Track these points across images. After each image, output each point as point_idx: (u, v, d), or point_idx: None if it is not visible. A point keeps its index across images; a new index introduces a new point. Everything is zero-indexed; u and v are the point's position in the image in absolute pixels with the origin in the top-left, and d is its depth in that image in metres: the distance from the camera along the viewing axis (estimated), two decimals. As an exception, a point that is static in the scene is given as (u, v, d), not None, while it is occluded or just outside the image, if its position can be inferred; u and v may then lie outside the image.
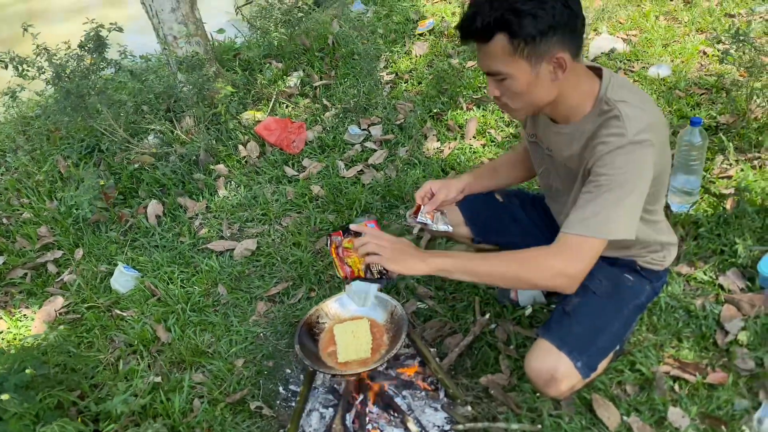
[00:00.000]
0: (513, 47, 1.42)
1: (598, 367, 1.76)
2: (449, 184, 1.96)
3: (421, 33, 4.29)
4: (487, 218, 2.08)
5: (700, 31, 3.71)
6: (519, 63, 1.44)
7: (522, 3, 1.37)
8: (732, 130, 2.84)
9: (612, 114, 1.50)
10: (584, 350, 1.69)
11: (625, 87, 1.56)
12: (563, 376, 1.66)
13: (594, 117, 1.55)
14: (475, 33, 1.43)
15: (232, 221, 3.11)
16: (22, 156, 3.68)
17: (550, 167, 1.81)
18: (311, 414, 2.13)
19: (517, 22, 1.38)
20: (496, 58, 1.45)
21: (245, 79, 4.02)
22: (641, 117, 1.49)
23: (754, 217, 2.38)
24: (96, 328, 2.63)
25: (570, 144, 1.64)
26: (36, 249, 3.15)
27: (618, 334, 1.80)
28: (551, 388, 1.68)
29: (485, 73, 1.55)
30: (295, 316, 2.51)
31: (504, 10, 1.38)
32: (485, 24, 1.40)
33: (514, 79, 1.48)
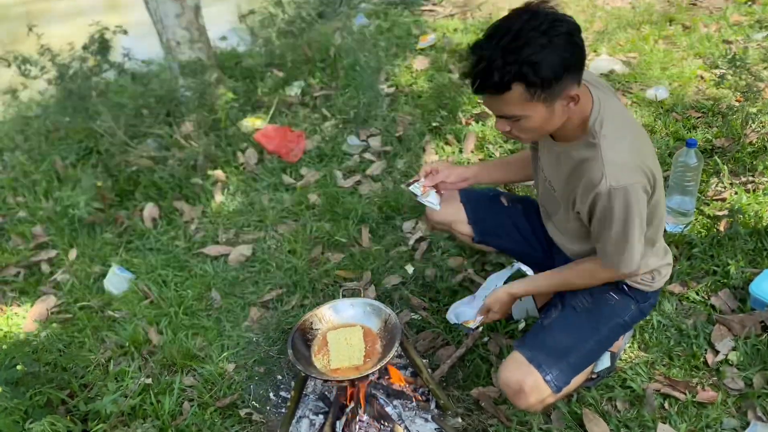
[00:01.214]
0: (530, 94, 1.42)
1: (570, 381, 1.77)
2: (455, 168, 2.00)
3: (422, 48, 4.33)
4: (490, 221, 2.09)
5: (697, 56, 3.76)
6: (535, 105, 1.45)
7: (535, 53, 1.36)
8: (727, 154, 2.88)
9: (592, 155, 1.54)
10: (554, 364, 1.70)
11: (613, 116, 1.57)
12: (531, 389, 1.67)
13: (581, 146, 1.59)
14: (491, 87, 1.42)
15: (228, 227, 3.12)
16: (20, 155, 3.68)
17: (540, 178, 1.86)
18: (301, 420, 2.13)
19: (532, 72, 1.37)
20: (511, 104, 1.45)
21: (246, 86, 4.04)
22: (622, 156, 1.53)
23: (747, 239, 2.41)
24: (88, 328, 2.61)
25: (556, 164, 1.69)
26: (30, 248, 3.14)
27: (593, 351, 1.81)
28: (520, 400, 1.70)
29: (496, 115, 1.55)
30: (288, 323, 2.51)
31: (520, 63, 1.37)
32: (502, 78, 1.39)
33: (529, 120, 1.49)
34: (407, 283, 2.62)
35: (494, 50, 1.38)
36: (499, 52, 1.38)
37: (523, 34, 1.37)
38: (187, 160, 3.42)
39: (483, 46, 1.41)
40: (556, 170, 1.70)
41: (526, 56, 1.36)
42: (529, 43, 1.36)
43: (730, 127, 2.99)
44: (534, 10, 1.41)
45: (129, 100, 3.75)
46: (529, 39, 1.37)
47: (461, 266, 2.63)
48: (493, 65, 1.38)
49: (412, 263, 2.71)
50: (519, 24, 1.39)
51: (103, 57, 3.30)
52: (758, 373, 1.96)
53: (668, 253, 1.87)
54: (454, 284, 2.55)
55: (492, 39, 1.41)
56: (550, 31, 1.37)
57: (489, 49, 1.39)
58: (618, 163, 1.51)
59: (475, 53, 1.43)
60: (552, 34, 1.37)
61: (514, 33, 1.38)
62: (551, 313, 1.82)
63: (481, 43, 1.43)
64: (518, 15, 1.41)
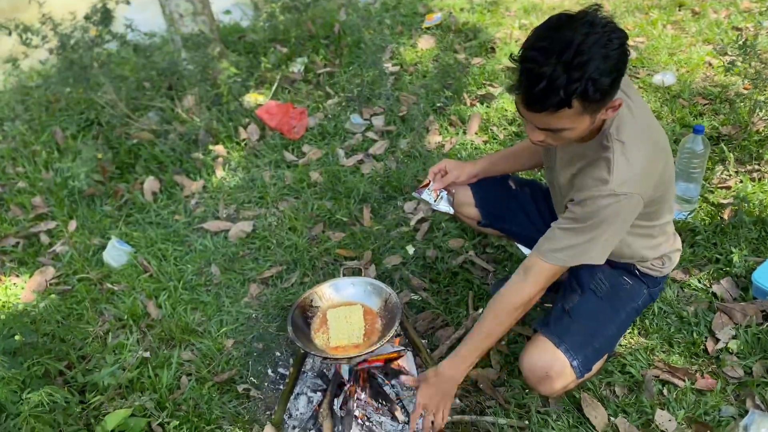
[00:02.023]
0: (584, 108, 1.36)
1: (592, 368, 1.75)
2: (464, 166, 1.97)
3: (428, 27, 4.28)
4: (497, 204, 2.07)
5: (706, 42, 3.72)
6: (584, 118, 1.40)
7: (598, 69, 1.29)
8: (733, 142, 2.85)
9: (605, 156, 1.50)
10: (581, 350, 1.69)
11: (629, 122, 1.54)
12: (558, 375, 1.66)
13: (595, 147, 1.55)
14: (552, 105, 1.34)
15: (228, 202, 3.10)
16: (20, 125, 3.65)
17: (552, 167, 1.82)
18: (299, 397, 2.12)
19: (594, 89, 1.31)
20: (564, 119, 1.38)
21: (249, 61, 4.00)
22: (631, 167, 1.49)
23: (751, 228, 2.39)
24: (86, 300, 2.61)
25: (568, 161, 1.66)
26: (29, 218, 3.12)
27: (614, 336, 1.81)
28: (544, 386, 1.68)
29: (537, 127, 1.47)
30: (287, 300, 2.50)
31: (584, 80, 1.29)
32: (567, 97, 1.31)
33: (573, 131, 1.44)
34: (408, 264, 2.61)
35: (555, 66, 1.29)
36: (562, 69, 1.29)
37: (585, 48, 1.28)
38: (188, 134, 3.40)
39: (540, 61, 1.30)
40: (566, 165, 1.67)
41: (590, 73, 1.29)
42: (593, 58, 1.28)
43: (738, 114, 2.97)
44: (591, 20, 1.32)
45: (131, 72, 3.72)
46: (591, 54, 1.28)
47: (462, 248, 2.62)
48: (557, 83, 1.29)
49: (413, 244, 2.69)
50: (579, 36, 1.28)
51: (105, 27, 3.25)
52: (758, 362, 1.96)
53: (677, 238, 1.86)
54: (455, 266, 2.54)
55: (549, 53, 1.30)
56: (609, 44, 1.30)
57: (549, 66, 1.29)
58: (627, 171, 1.48)
59: (532, 69, 1.32)
60: (610, 47, 1.30)
61: (576, 48, 1.28)
62: (571, 296, 1.80)
63: (537, 57, 1.31)
64: (574, 25, 1.31)
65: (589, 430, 1.87)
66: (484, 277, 2.49)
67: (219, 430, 2.06)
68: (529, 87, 1.33)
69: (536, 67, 1.30)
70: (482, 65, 3.77)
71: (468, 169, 1.98)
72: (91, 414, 2.06)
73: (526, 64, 1.33)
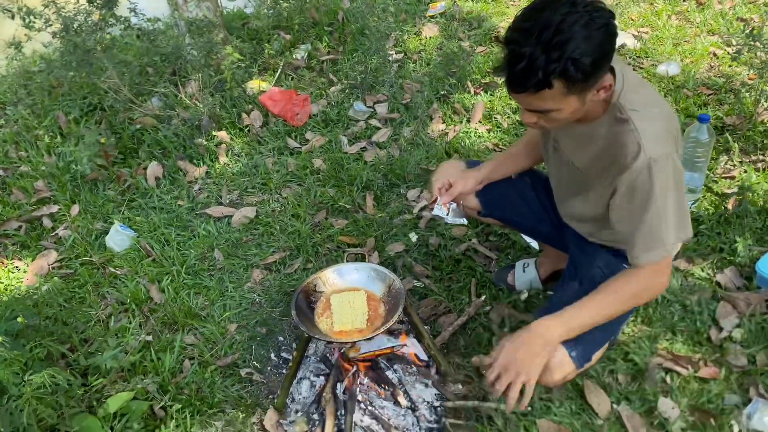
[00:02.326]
0: (568, 89, 1.36)
1: (592, 357, 1.74)
2: (468, 176, 1.94)
3: (432, 15, 4.26)
4: (497, 193, 2.05)
5: (711, 32, 3.70)
6: (570, 99, 1.40)
7: (577, 48, 1.29)
8: (738, 132, 2.85)
9: (626, 128, 1.48)
10: (579, 340, 1.65)
11: (637, 90, 1.54)
12: (557, 366, 1.62)
13: (608, 121, 1.54)
14: (532, 86, 1.35)
15: (231, 188, 3.09)
16: (23, 109, 3.63)
17: (556, 158, 1.80)
18: (302, 382, 2.13)
19: (575, 68, 1.31)
20: (547, 100, 1.39)
21: (252, 48, 3.98)
22: (655, 128, 1.48)
23: (755, 217, 2.39)
24: (89, 284, 2.61)
25: (581, 145, 1.64)
26: (32, 202, 3.12)
27: (613, 325, 1.78)
28: (544, 377, 1.63)
29: (526, 109, 1.49)
30: (290, 286, 2.50)
31: (563, 60, 1.29)
32: (545, 76, 1.31)
33: (561, 112, 1.44)
34: (410, 251, 2.61)
35: (535, 47, 1.29)
36: (541, 49, 1.29)
37: (564, 28, 1.28)
38: (191, 120, 3.38)
39: (521, 42, 1.31)
40: (581, 150, 1.65)
41: (569, 53, 1.29)
42: (572, 38, 1.28)
43: (742, 105, 2.96)
44: (573, 1, 1.32)
45: (134, 57, 3.70)
46: (571, 34, 1.28)
47: (465, 236, 2.62)
48: (536, 63, 1.30)
49: (415, 231, 2.69)
50: (558, 16, 1.29)
51: (108, 11, 3.23)
52: (762, 351, 1.96)
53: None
54: (458, 253, 2.53)
55: (529, 33, 1.31)
56: (591, 24, 1.30)
57: (529, 46, 1.30)
58: (653, 133, 1.47)
59: (513, 50, 1.33)
60: (592, 27, 1.30)
61: (555, 27, 1.28)
62: (570, 285, 1.79)
63: (518, 39, 1.32)
64: (556, 5, 1.31)
65: (591, 417, 1.88)
66: (487, 264, 2.49)
67: (221, 413, 2.06)
68: (510, 67, 1.35)
69: (517, 48, 1.32)
70: (486, 54, 3.76)
71: (472, 177, 1.95)
72: (93, 397, 2.07)
73: (508, 46, 1.35)
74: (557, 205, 1.94)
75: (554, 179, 1.89)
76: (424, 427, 1.96)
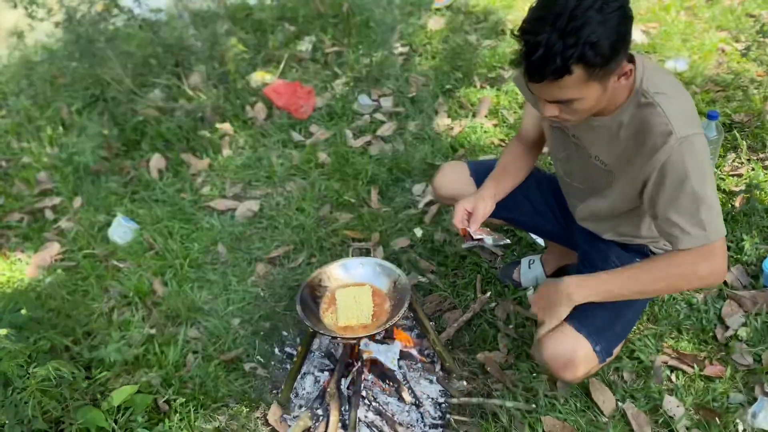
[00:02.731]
0: (587, 75, 1.35)
1: (613, 351, 1.73)
2: (482, 196, 1.84)
3: (438, 8, 4.23)
4: None
5: (720, 28, 3.67)
6: (591, 86, 1.38)
7: (594, 32, 1.28)
8: (746, 129, 2.82)
9: (652, 111, 1.46)
10: (603, 334, 1.65)
11: (658, 74, 1.52)
12: (582, 360, 1.61)
13: (631, 109, 1.51)
14: (551, 74, 1.33)
15: (235, 181, 3.08)
16: (25, 100, 3.62)
17: (574, 156, 1.75)
18: (306, 377, 2.12)
19: (593, 52, 1.30)
20: (568, 88, 1.37)
21: (256, 39, 3.96)
22: (683, 107, 1.47)
23: (763, 215, 2.37)
24: (91, 276, 2.60)
25: (605, 137, 1.59)
26: (34, 194, 3.11)
27: (632, 319, 1.78)
28: (568, 372, 1.63)
29: (547, 101, 1.46)
30: (294, 280, 2.49)
31: (580, 45, 1.28)
32: (564, 62, 1.30)
33: (583, 101, 1.42)
34: (415, 246, 2.59)
35: (551, 34, 1.29)
36: (557, 36, 1.29)
37: (579, 13, 1.28)
38: (194, 111, 3.37)
39: (536, 31, 1.31)
40: (606, 143, 1.60)
41: (586, 37, 1.28)
42: (587, 22, 1.28)
43: (751, 102, 2.93)
44: None
45: (137, 48, 3.68)
46: (586, 19, 1.28)
47: (471, 231, 2.60)
48: (553, 50, 1.29)
49: (421, 226, 2.68)
50: (572, 2, 1.28)
51: (112, 1, 3.21)
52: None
53: None
54: (463, 249, 2.52)
55: (544, 21, 1.30)
56: (605, 7, 1.29)
57: (545, 33, 1.29)
58: (681, 115, 1.45)
59: (529, 40, 1.32)
60: (607, 11, 1.29)
61: (570, 13, 1.28)
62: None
63: (534, 28, 1.32)
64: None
65: (596, 414, 1.87)
66: (492, 261, 2.47)
67: (225, 408, 2.06)
68: (527, 57, 1.34)
69: (532, 38, 1.32)
70: (493, 47, 3.73)
71: (487, 194, 1.85)
72: (97, 390, 2.06)
73: (524, 36, 1.34)
74: (573, 209, 1.90)
75: (574, 181, 1.82)
76: (429, 424, 1.96)
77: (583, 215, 1.85)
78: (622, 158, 1.58)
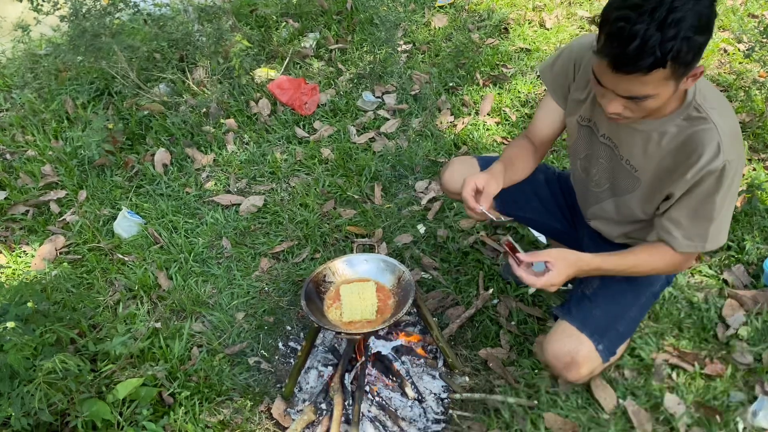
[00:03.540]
0: (673, 72, 1.28)
1: (617, 351, 1.74)
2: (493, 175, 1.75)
3: (441, 5, 4.24)
4: (510, 189, 2.00)
5: (721, 29, 3.69)
6: (669, 84, 1.32)
7: (692, 29, 1.22)
8: (747, 130, 2.84)
9: (704, 127, 1.43)
10: (605, 333, 1.66)
11: (708, 89, 1.49)
12: (584, 359, 1.62)
13: (679, 120, 1.47)
14: (645, 66, 1.25)
15: (239, 176, 3.09)
16: (29, 93, 3.63)
17: (600, 156, 1.70)
18: (309, 371, 2.14)
19: (687, 48, 1.23)
20: (650, 84, 1.30)
21: (260, 35, 3.97)
22: (732, 130, 1.44)
23: (764, 215, 2.39)
24: (97, 270, 2.62)
25: (642, 142, 1.55)
26: (39, 187, 3.12)
27: (635, 319, 1.77)
28: (571, 372, 1.63)
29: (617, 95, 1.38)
30: (298, 275, 2.51)
31: (679, 39, 1.21)
32: (663, 56, 1.23)
33: (656, 98, 1.35)
34: (418, 243, 2.61)
35: (649, 24, 1.21)
36: (656, 27, 1.21)
37: (678, 5, 1.20)
38: (199, 107, 3.38)
39: (633, 19, 1.22)
40: (641, 149, 1.57)
41: (684, 31, 1.21)
42: (686, 16, 1.21)
43: (753, 102, 2.95)
44: None
45: (142, 42, 3.68)
46: (685, 12, 1.20)
47: (473, 228, 2.62)
48: (651, 41, 1.21)
49: (424, 223, 2.70)
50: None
51: (118, -5, 3.22)
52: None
53: None
54: (466, 246, 2.54)
55: (642, 11, 1.22)
56: (700, 4, 1.22)
57: (643, 23, 1.21)
58: (731, 135, 1.43)
59: (623, 27, 1.23)
60: (703, 4, 1.23)
61: (670, 4, 1.21)
62: (590, 281, 1.77)
63: (630, 16, 1.23)
64: None
65: (597, 411, 1.89)
66: (495, 257, 2.49)
67: (229, 401, 2.08)
68: (621, 47, 1.25)
69: (628, 26, 1.24)
70: (496, 46, 3.74)
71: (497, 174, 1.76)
72: (102, 382, 2.07)
73: (617, 24, 1.25)
74: (585, 208, 1.89)
75: (591, 181, 1.79)
76: (431, 419, 1.98)
77: (595, 215, 1.83)
78: (659, 167, 1.54)
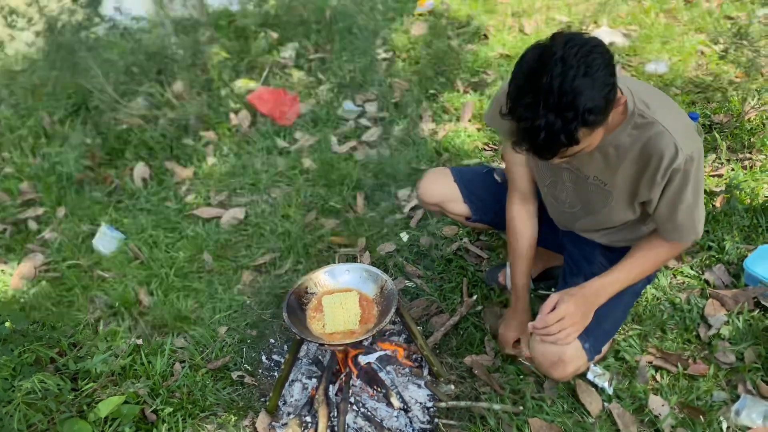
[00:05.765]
0: (591, 129, 1.33)
1: (602, 350, 1.76)
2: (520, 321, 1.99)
3: (420, 13, 4.25)
4: (485, 198, 2.05)
5: (698, 30, 3.73)
6: (596, 133, 1.37)
7: (590, 98, 1.26)
8: (725, 130, 2.87)
9: (655, 132, 1.48)
10: (591, 332, 1.68)
11: (645, 92, 1.53)
12: (571, 358, 1.65)
13: (629, 129, 1.52)
14: (559, 149, 1.33)
15: (220, 189, 3.07)
16: (5, 109, 3.59)
17: (565, 180, 1.75)
18: (293, 384, 2.12)
19: (593, 116, 1.28)
20: (577, 147, 1.36)
21: (239, 46, 3.96)
22: (683, 125, 1.50)
23: (743, 215, 2.41)
24: (77, 287, 2.58)
25: (604, 156, 1.60)
26: (17, 204, 3.08)
27: (620, 318, 1.81)
28: (557, 370, 1.66)
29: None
30: (281, 287, 2.49)
31: (580, 116, 1.27)
32: (570, 137, 1.29)
33: (590, 146, 1.41)
34: (402, 251, 2.60)
35: (547, 115, 1.27)
36: (554, 115, 1.27)
37: (567, 87, 1.25)
38: (178, 120, 3.36)
39: (532, 116, 1.28)
40: (603, 164, 1.61)
41: (582, 106, 1.26)
42: (579, 92, 1.25)
43: (730, 103, 2.98)
44: (562, 56, 1.26)
45: (119, 56, 3.66)
46: (575, 89, 1.25)
47: (456, 235, 2.62)
48: (554, 129, 1.28)
49: (407, 231, 2.69)
50: (558, 78, 1.25)
51: (93, 10, 3.20)
52: (749, 348, 1.98)
53: None
54: (449, 253, 2.54)
55: (536, 105, 1.27)
56: (589, 68, 1.26)
57: (542, 118, 1.27)
58: (682, 130, 1.48)
59: (527, 125, 1.30)
60: (593, 70, 1.26)
61: (558, 89, 1.25)
62: (575, 281, 1.77)
63: (528, 114, 1.29)
64: (546, 69, 1.27)
65: (583, 415, 1.89)
66: (479, 264, 2.49)
67: (213, 416, 2.05)
68: (531, 140, 1.32)
69: (530, 123, 1.29)
70: (475, 52, 3.76)
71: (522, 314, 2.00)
72: (84, 401, 2.04)
73: (520, 123, 1.32)
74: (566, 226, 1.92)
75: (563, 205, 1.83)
76: (417, 428, 1.96)
77: (583, 229, 1.88)
78: (625, 175, 1.60)
